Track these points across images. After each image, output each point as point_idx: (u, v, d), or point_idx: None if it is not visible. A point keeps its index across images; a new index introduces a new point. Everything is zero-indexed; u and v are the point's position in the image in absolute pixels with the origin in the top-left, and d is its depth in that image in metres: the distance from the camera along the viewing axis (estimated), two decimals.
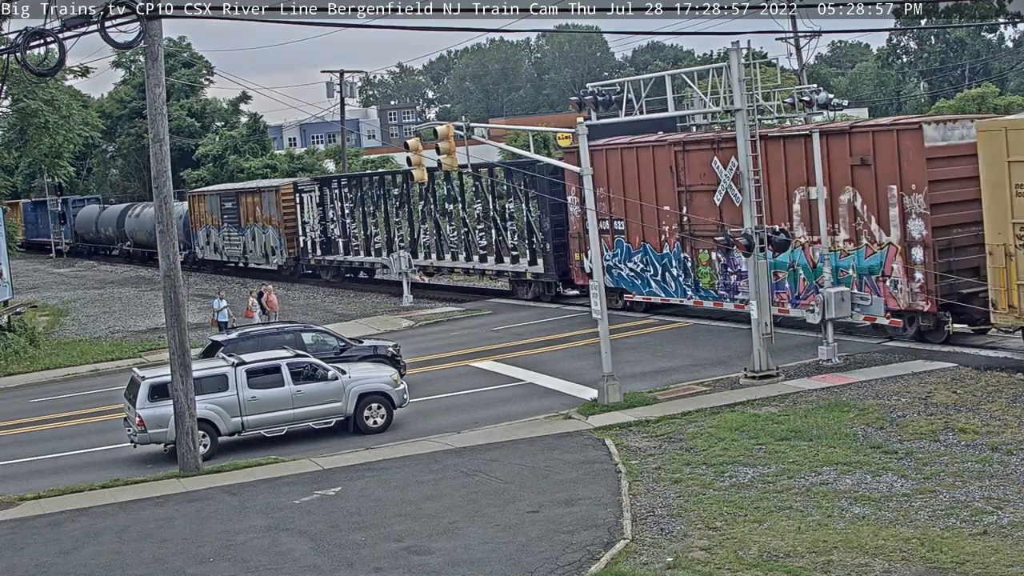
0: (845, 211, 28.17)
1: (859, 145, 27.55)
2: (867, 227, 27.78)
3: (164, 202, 22.33)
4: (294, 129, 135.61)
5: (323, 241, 51.25)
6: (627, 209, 34.01)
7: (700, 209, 31.82)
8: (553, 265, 38.14)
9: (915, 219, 26.73)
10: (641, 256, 34.32)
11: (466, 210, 42.95)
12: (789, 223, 28.96)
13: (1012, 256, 24.16)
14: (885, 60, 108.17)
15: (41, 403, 31.73)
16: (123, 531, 18.84)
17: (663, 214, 33.12)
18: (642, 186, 33.43)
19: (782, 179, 29.49)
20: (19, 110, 45.46)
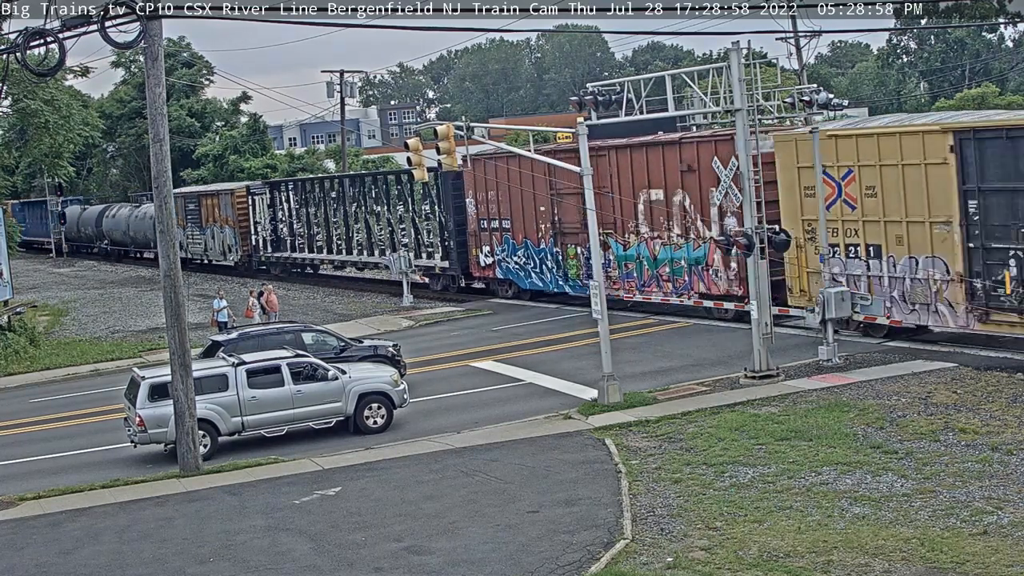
0: (678, 211, 32.33)
1: (687, 154, 31.40)
2: (694, 224, 31.97)
3: (164, 202, 22.33)
4: (294, 129, 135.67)
5: (273, 239, 55.57)
6: (512, 210, 38.66)
7: (570, 209, 35.74)
8: (456, 260, 42.39)
9: (730, 217, 30.52)
10: (523, 251, 38.78)
11: (391, 211, 46.69)
12: (635, 221, 33.73)
13: (802, 248, 28.76)
14: (885, 60, 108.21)
15: (41, 403, 31.73)
16: (123, 531, 18.84)
17: (540, 214, 37.70)
18: (523, 190, 37.51)
19: (629, 183, 33.63)
20: (19, 110, 45.50)
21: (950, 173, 25.43)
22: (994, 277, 25.08)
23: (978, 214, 25.19)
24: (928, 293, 26.49)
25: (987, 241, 25.14)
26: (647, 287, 33.97)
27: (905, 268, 26.94)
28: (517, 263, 39.08)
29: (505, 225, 39.35)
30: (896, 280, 27.14)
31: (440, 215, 43.06)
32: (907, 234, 26.76)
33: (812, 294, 28.23)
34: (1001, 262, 24.87)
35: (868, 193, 27.39)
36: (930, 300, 26.49)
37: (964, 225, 25.45)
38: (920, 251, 26.53)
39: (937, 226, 26.00)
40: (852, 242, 27.84)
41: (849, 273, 27.91)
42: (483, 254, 40.50)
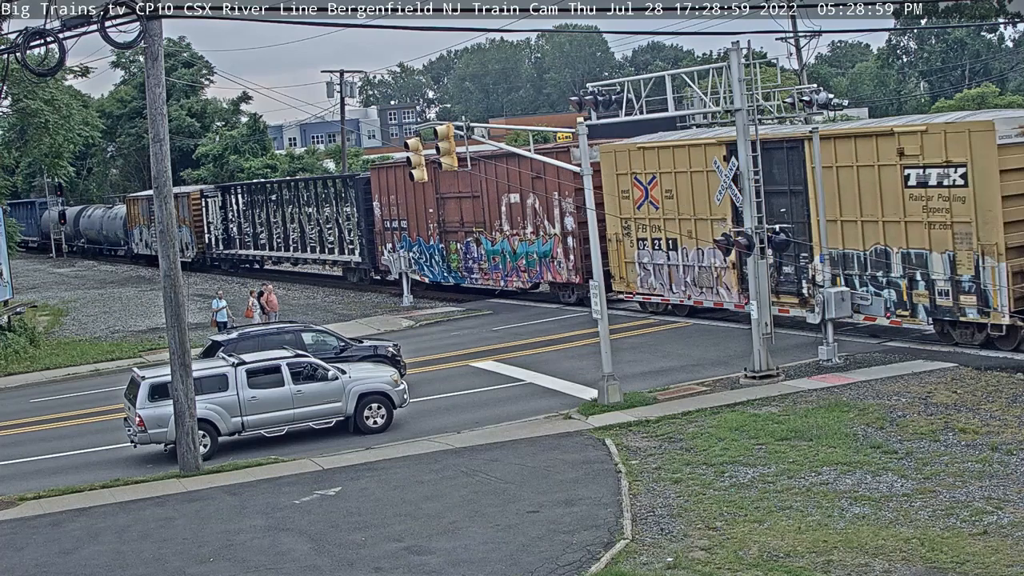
0: (530, 211, 38.13)
1: (536, 164, 34.50)
2: (543, 223, 37.68)
3: (164, 202, 22.33)
4: (294, 129, 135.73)
5: (224, 238, 60.20)
6: (408, 212, 44.07)
7: (452, 211, 41.84)
8: (367, 257, 47.53)
9: (568, 216, 36.40)
10: (417, 247, 44.09)
11: (319, 213, 51.11)
12: (500, 221, 39.28)
13: (621, 242, 34.38)
14: (885, 60, 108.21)
15: (41, 403, 31.74)
16: (123, 531, 18.84)
17: (429, 215, 43.09)
18: (417, 194, 43.04)
19: (495, 188, 39.08)
20: (19, 110, 45.48)
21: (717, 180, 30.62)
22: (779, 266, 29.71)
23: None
24: (712, 278, 31.86)
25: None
26: (508, 277, 39.89)
27: (695, 258, 32.18)
28: (413, 258, 44.32)
29: (403, 225, 44.69)
30: (689, 268, 32.41)
31: (359, 217, 47.76)
32: (695, 229, 31.78)
33: (630, 281, 34.49)
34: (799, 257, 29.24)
35: (667, 195, 32.54)
36: (713, 284, 31.90)
37: (735, 221, 29.69)
38: (705, 243, 31.41)
39: (716, 222, 30.80)
40: (656, 236, 33.12)
41: (655, 263, 33.41)
42: (387, 250, 45.68)
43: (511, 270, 39.39)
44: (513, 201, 38.55)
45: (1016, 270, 24.80)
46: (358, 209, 47.33)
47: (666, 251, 32.87)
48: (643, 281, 33.99)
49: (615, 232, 34.49)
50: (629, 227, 33.97)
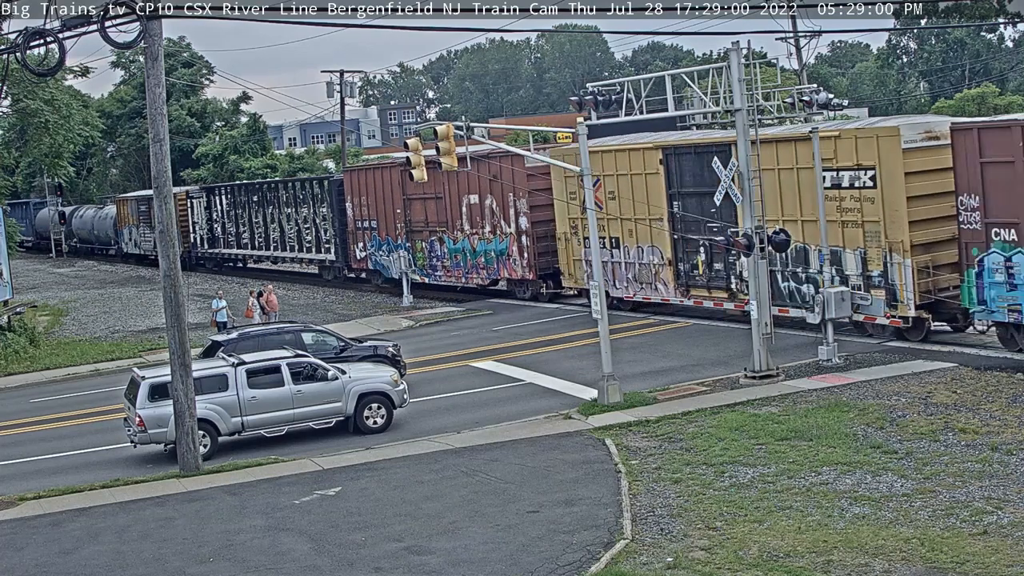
0: (488, 212, 40.10)
1: (493, 167, 37.25)
2: (499, 222, 39.63)
3: (164, 202, 22.33)
4: (294, 129, 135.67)
5: (209, 237, 62.26)
6: (377, 212, 46.28)
7: (417, 211, 44.07)
8: (341, 255, 49.67)
9: (522, 216, 38.56)
10: (386, 246, 46.17)
11: (297, 213, 53.17)
12: (461, 221, 41.41)
13: (569, 241, 36.80)
14: (885, 60, 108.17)
15: (41, 403, 31.73)
16: (123, 531, 18.84)
17: (396, 216, 45.22)
18: (385, 195, 45.57)
19: (455, 189, 41.35)
20: (19, 110, 45.46)
21: (660, 181, 32.77)
22: (691, 261, 32.61)
23: (680, 213, 32.38)
24: (651, 274, 34.09)
25: (687, 233, 32.42)
26: (469, 274, 42.04)
27: (636, 255, 34.50)
28: (382, 256, 46.64)
29: (373, 225, 46.97)
30: (630, 265, 34.73)
31: (334, 217, 50.04)
32: (636, 229, 34.19)
33: (577, 277, 36.77)
34: (695, 250, 32.34)
35: (610, 196, 34.48)
36: (652, 280, 34.12)
37: (671, 221, 32.68)
38: (644, 242, 34.04)
39: (654, 222, 33.31)
40: (601, 235, 33.00)
41: (607, 261, 34.53)
42: (359, 249, 48.04)
43: (471, 267, 41.79)
44: (473, 202, 40.78)
45: (921, 266, 26.52)
46: (332, 210, 49.55)
47: (609, 249, 34.87)
48: (589, 277, 33.17)
49: (564, 231, 37.14)
50: (576, 227, 36.24)
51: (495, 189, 39.18)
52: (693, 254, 32.49)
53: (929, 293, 26.54)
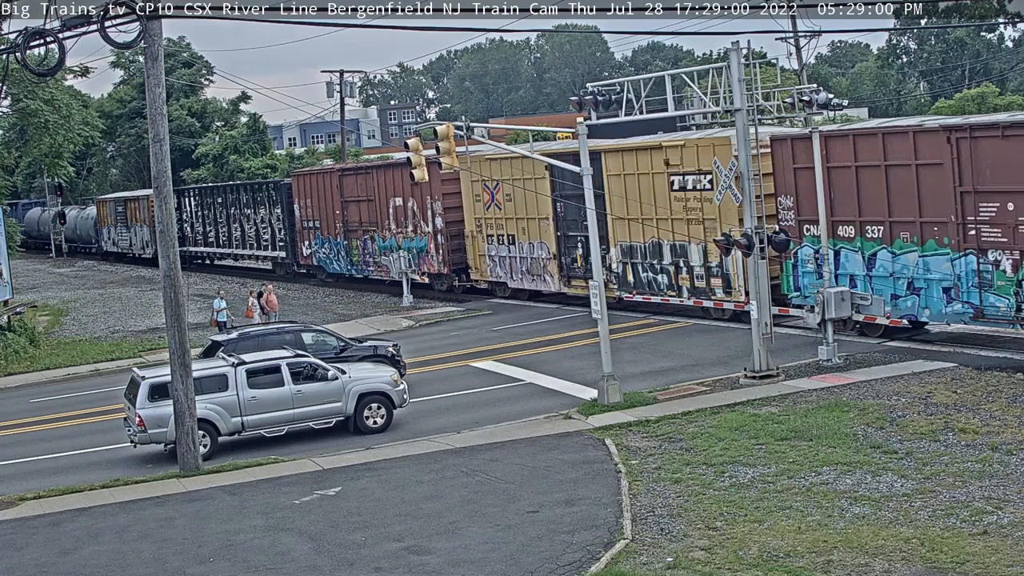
0: (410, 213, 44.27)
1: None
2: (420, 222, 43.68)
3: (164, 202, 22.33)
4: (294, 129, 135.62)
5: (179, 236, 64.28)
6: (320, 213, 50.19)
7: (353, 212, 47.98)
8: (291, 252, 53.57)
9: (438, 217, 42.58)
10: (327, 244, 50.10)
11: (255, 214, 56.86)
12: (388, 220, 45.47)
13: (475, 238, 41.09)
14: (885, 60, 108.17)
15: (41, 403, 31.73)
16: (123, 531, 18.84)
17: (335, 216, 48.99)
18: (326, 197, 49.61)
19: (383, 192, 45.67)
20: (19, 110, 45.44)
21: (547, 185, 36.83)
22: (571, 256, 36.83)
23: (562, 213, 36.62)
24: (540, 268, 38.37)
25: (568, 231, 36.86)
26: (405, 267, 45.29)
27: (528, 251, 38.74)
28: (324, 253, 50.64)
29: (317, 225, 50.88)
30: (524, 259, 38.99)
31: (282, 218, 54.17)
32: (528, 227, 38.56)
33: (482, 271, 41.19)
34: (575, 245, 36.55)
35: (507, 199, 39.04)
36: (541, 272, 38.38)
37: (555, 220, 37.14)
38: (535, 239, 38.31)
39: (541, 221, 37.89)
40: (500, 233, 39.74)
41: (499, 255, 40.04)
42: (305, 247, 52.11)
43: (400, 263, 45.05)
44: (398, 204, 44.95)
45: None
46: (283, 211, 53.82)
47: (507, 245, 39.72)
48: (491, 270, 40.91)
49: (471, 229, 41.46)
50: (481, 225, 40.79)
51: (416, 192, 43.23)
52: (573, 249, 36.87)
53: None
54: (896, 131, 26.97)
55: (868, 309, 27.55)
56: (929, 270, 26.31)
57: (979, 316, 25.53)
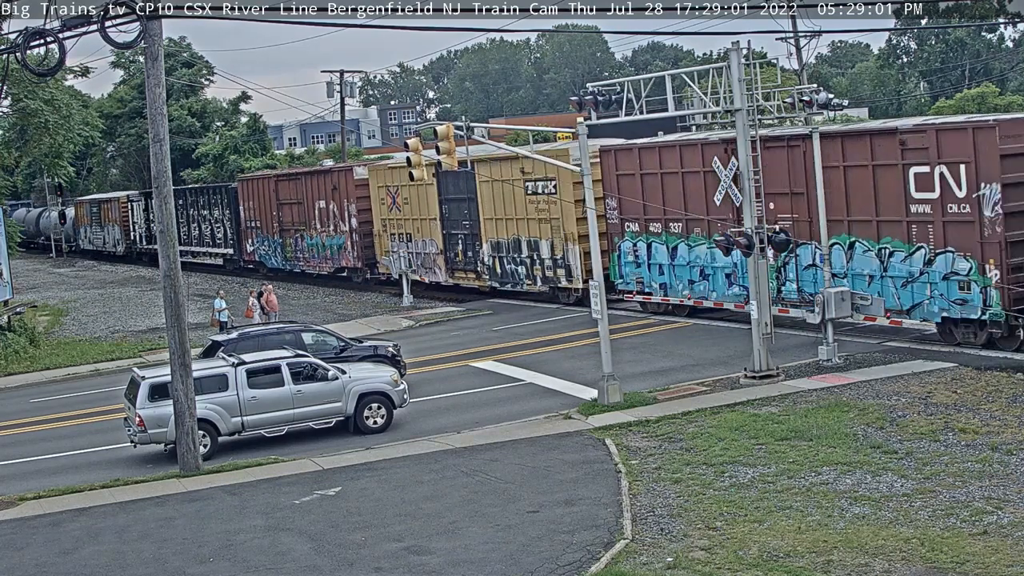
0: (331, 214, 49.63)
1: (333, 179, 49.60)
2: (338, 222, 49.03)
3: (164, 202, 22.34)
4: (294, 129, 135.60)
5: (146, 235, 70.17)
6: (259, 214, 55.95)
7: (286, 213, 53.55)
8: (237, 249, 58.84)
9: (353, 218, 47.88)
10: (267, 242, 55.66)
11: (211, 214, 61.91)
12: (315, 220, 50.83)
13: (380, 236, 46.65)
14: (885, 60, 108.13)
15: (41, 403, 31.74)
16: (123, 531, 18.85)
17: (272, 216, 54.74)
18: (265, 200, 55.45)
19: (310, 196, 51.24)
20: (19, 110, 45.44)
21: (434, 190, 42.25)
22: (454, 251, 42.15)
23: (447, 214, 42.22)
24: (431, 261, 43.60)
25: (451, 230, 42.19)
26: (321, 263, 51.26)
27: (421, 247, 43.92)
28: (264, 250, 56.10)
29: (258, 225, 56.44)
30: (419, 254, 44.27)
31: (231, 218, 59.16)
32: (420, 227, 43.91)
33: (386, 265, 46.53)
34: (457, 242, 42.05)
35: (405, 202, 44.61)
36: (431, 266, 43.69)
37: (441, 220, 42.58)
38: (426, 236, 43.64)
39: (431, 221, 43.15)
40: (401, 232, 45.23)
41: (400, 251, 45.17)
42: (249, 244, 57.53)
43: (322, 258, 50.92)
44: (322, 206, 50.29)
45: (585, 251, 32.81)
46: (232, 212, 58.79)
47: (406, 243, 44.95)
48: (398, 264, 45.69)
49: (378, 229, 46.85)
50: (386, 225, 46.12)
51: (336, 196, 49.14)
52: (455, 245, 42.19)
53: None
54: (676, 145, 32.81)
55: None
56: (715, 260, 31.21)
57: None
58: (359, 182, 47.46)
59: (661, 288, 33.69)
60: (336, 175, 49.43)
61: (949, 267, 25.94)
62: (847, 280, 27.81)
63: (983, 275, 25.30)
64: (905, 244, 26.86)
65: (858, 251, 27.89)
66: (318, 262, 51.09)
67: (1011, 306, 25.06)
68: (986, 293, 25.33)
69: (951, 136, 25.79)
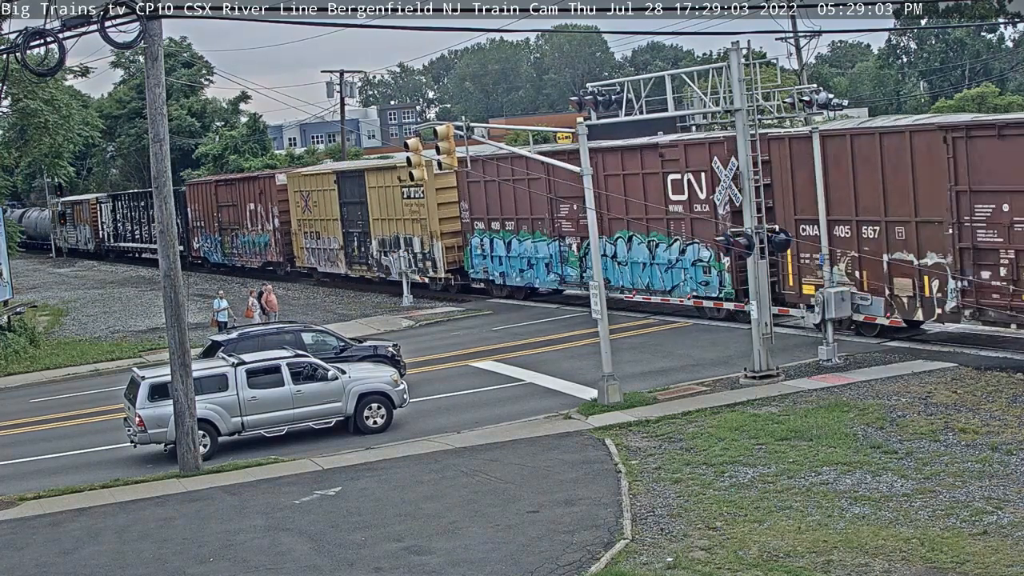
0: (259, 215, 55.84)
1: (260, 184, 56.09)
2: (264, 222, 55.31)
3: (164, 202, 22.33)
4: (294, 129, 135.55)
5: (113, 234, 77.46)
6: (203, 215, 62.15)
7: (225, 214, 59.38)
8: (187, 246, 62.27)
9: (276, 218, 54.01)
10: (209, 240, 61.91)
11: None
12: (247, 220, 56.96)
13: (296, 235, 52.62)
14: (885, 60, 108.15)
15: (41, 403, 31.73)
16: (123, 531, 18.85)
17: (213, 216, 60.98)
18: (208, 203, 61.47)
19: (243, 199, 57.42)
20: (19, 110, 45.42)
21: (335, 195, 48.90)
22: (352, 247, 48.09)
23: (346, 215, 48.18)
24: (334, 256, 49.52)
25: (349, 229, 48.13)
26: (254, 258, 57.13)
27: (327, 243, 50.02)
28: (207, 247, 62.33)
29: (202, 224, 62.88)
30: (324, 250, 50.40)
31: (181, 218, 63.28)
32: (326, 226, 49.91)
33: (302, 259, 52.66)
34: (353, 240, 48.06)
35: (314, 204, 50.83)
36: (334, 260, 49.59)
37: (341, 221, 48.40)
38: (330, 234, 49.67)
39: (334, 222, 49.22)
40: (312, 231, 51.25)
41: (312, 247, 51.27)
42: (195, 242, 63.47)
43: (253, 253, 57.07)
44: (252, 208, 56.60)
45: (448, 246, 42.46)
46: (181, 213, 62.51)
47: (315, 240, 51.05)
48: (307, 259, 52.08)
49: (295, 228, 52.78)
50: (300, 225, 52.31)
51: (261, 199, 55.63)
52: (352, 242, 48.21)
53: (453, 263, 42.70)
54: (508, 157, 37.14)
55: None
56: (538, 252, 38.55)
57: (563, 282, 37.92)
58: (280, 187, 53.93)
59: (501, 276, 40.72)
60: (262, 181, 56.33)
61: (696, 255, 32.35)
62: (628, 266, 34.78)
63: (719, 262, 31.31)
64: (666, 237, 33.25)
65: (635, 243, 34.52)
66: (249, 257, 57.56)
67: (740, 286, 30.46)
68: (721, 276, 31.55)
69: (694, 150, 31.96)
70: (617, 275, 35.03)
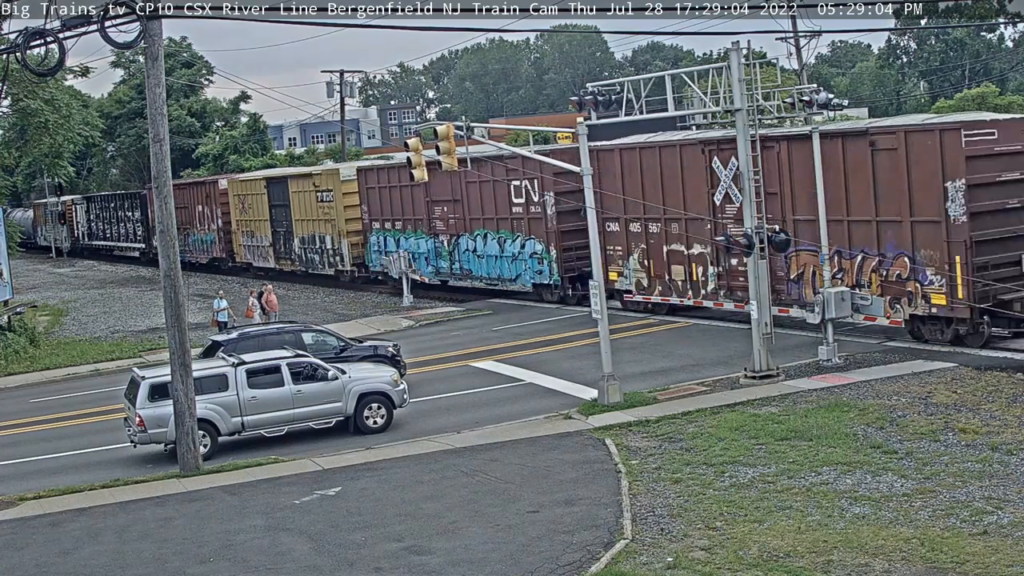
0: (205, 215, 61.76)
1: (206, 188, 62.23)
2: (210, 222, 61.40)
3: (164, 202, 22.34)
4: (294, 129, 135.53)
5: (88, 233, 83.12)
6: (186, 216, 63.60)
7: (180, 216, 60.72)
8: (148, 244, 66.66)
9: (219, 219, 59.85)
10: (193, 239, 64.05)
11: (132, 216, 72.59)
12: (196, 221, 62.90)
13: (236, 233, 58.32)
14: (885, 60, 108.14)
15: (41, 403, 31.73)
16: (123, 531, 18.85)
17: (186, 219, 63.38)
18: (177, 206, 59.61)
19: (193, 202, 63.07)
20: (19, 110, 45.43)
21: (265, 199, 54.90)
22: (279, 244, 54.02)
23: (274, 216, 54.00)
24: (265, 252, 55.54)
25: (277, 228, 54.14)
26: (202, 254, 62.91)
27: (259, 241, 55.87)
28: (189, 247, 63.92)
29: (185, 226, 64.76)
30: (258, 247, 56.34)
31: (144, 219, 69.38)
32: (259, 226, 56.12)
33: (240, 256, 58.78)
34: (279, 238, 54.19)
35: (249, 207, 56.63)
36: (266, 256, 55.50)
37: (271, 221, 54.54)
38: (262, 232, 55.78)
39: (264, 222, 55.53)
40: (247, 230, 57.50)
41: (248, 245, 57.50)
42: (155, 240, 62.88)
43: (201, 251, 63.10)
44: (200, 210, 62.76)
45: (352, 243, 48.32)
46: (143, 214, 69.22)
47: (250, 238, 57.20)
48: (245, 255, 58.10)
49: (235, 227, 58.86)
50: (239, 225, 58.38)
51: (208, 202, 61.44)
52: (279, 240, 54.00)
53: (357, 257, 48.34)
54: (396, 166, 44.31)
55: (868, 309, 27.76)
56: (420, 247, 44.34)
57: (437, 273, 44.00)
58: (222, 191, 60.06)
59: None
60: (208, 186, 62.75)
61: (533, 249, 38.55)
62: (484, 259, 40.89)
63: (549, 254, 37.81)
64: (511, 233, 39.44)
65: (489, 239, 40.56)
66: (198, 254, 63.31)
67: (564, 274, 37.66)
68: (551, 267, 37.92)
69: (529, 162, 35.56)
70: (477, 266, 41.74)
